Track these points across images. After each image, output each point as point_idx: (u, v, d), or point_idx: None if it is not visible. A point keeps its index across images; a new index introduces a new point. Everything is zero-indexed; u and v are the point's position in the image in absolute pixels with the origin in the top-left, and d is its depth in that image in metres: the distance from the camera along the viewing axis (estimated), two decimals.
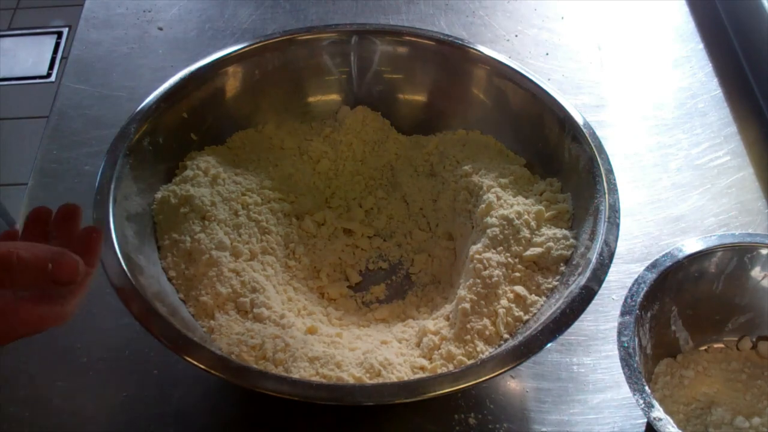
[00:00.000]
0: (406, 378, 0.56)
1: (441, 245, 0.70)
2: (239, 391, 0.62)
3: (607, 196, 0.60)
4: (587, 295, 0.55)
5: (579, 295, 0.54)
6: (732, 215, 0.74)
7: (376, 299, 0.68)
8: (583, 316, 0.54)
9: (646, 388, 0.52)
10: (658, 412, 0.51)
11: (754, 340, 0.62)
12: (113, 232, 0.57)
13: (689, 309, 0.61)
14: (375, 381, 0.54)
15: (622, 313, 0.56)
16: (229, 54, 0.71)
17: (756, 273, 0.60)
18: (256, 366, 0.55)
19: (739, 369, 0.61)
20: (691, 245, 0.59)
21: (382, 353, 0.57)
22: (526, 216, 0.63)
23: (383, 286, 0.69)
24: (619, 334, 0.55)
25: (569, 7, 0.95)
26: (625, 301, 0.57)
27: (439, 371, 0.56)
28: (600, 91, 0.85)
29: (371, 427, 0.61)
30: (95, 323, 0.65)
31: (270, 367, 0.55)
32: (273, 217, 0.68)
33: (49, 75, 1.91)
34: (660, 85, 0.86)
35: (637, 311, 0.56)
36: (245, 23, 0.94)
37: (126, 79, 0.87)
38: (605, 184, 0.61)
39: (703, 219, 0.74)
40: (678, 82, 0.86)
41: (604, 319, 0.66)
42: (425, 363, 0.58)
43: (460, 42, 0.73)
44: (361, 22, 0.90)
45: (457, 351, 0.57)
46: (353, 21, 0.92)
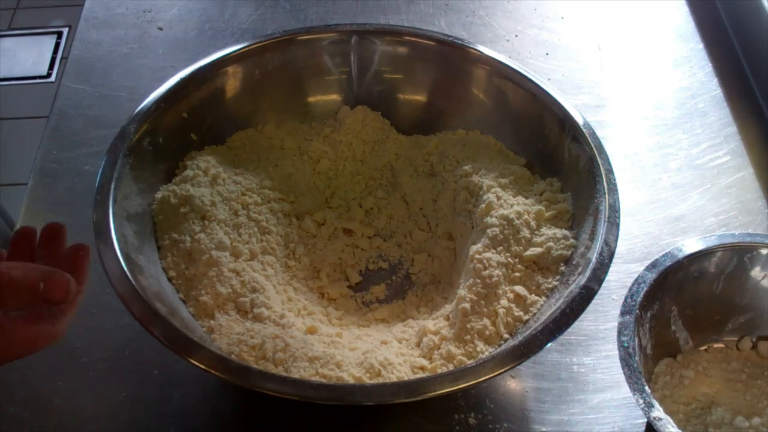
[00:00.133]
0: (406, 378, 0.56)
1: (441, 245, 0.70)
2: (239, 391, 0.62)
3: (607, 196, 0.60)
4: (587, 294, 0.54)
5: (579, 294, 0.54)
6: (732, 215, 0.74)
7: (376, 299, 0.68)
8: (583, 315, 0.54)
9: (646, 388, 0.52)
10: (658, 412, 0.51)
11: (754, 340, 0.62)
12: (113, 232, 0.57)
13: (689, 309, 0.61)
14: (375, 381, 0.54)
15: (622, 313, 0.56)
16: (229, 54, 0.71)
17: (756, 273, 0.60)
18: (256, 366, 0.54)
19: (739, 369, 0.61)
20: (691, 245, 0.59)
21: (382, 353, 0.57)
22: (526, 216, 0.63)
23: (383, 286, 0.69)
24: (619, 333, 0.55)
25: (569, 7, 0.95)
26: (625, 300, 0.57)
27: (439, 371, 0.56)
28: (600, 91, 0.85)
29: (371, 427, 0.61)
30: (95, 323, 0.65)
31: (270, 367, 0.55)
32: (273, 217, 0.68)
33: (49, 75, 1.91)
34: (660, 85, 0.86)
35: (637, 311, 0.56)
36: (245, 23, 0.94)
37: (126, 79, 0.87)
38: (605, 184, 0.61)
39: (703, 219, 0.74)
40: (678, 82, 0.86)
41: (604, 319, 0.66)
42: (425, 363, 0.58)
43: (460, 42, 0.73)
44: (361, 22, 0.90)
45: (457, 351, 0.57)
46: (353, 21, 0.92)
